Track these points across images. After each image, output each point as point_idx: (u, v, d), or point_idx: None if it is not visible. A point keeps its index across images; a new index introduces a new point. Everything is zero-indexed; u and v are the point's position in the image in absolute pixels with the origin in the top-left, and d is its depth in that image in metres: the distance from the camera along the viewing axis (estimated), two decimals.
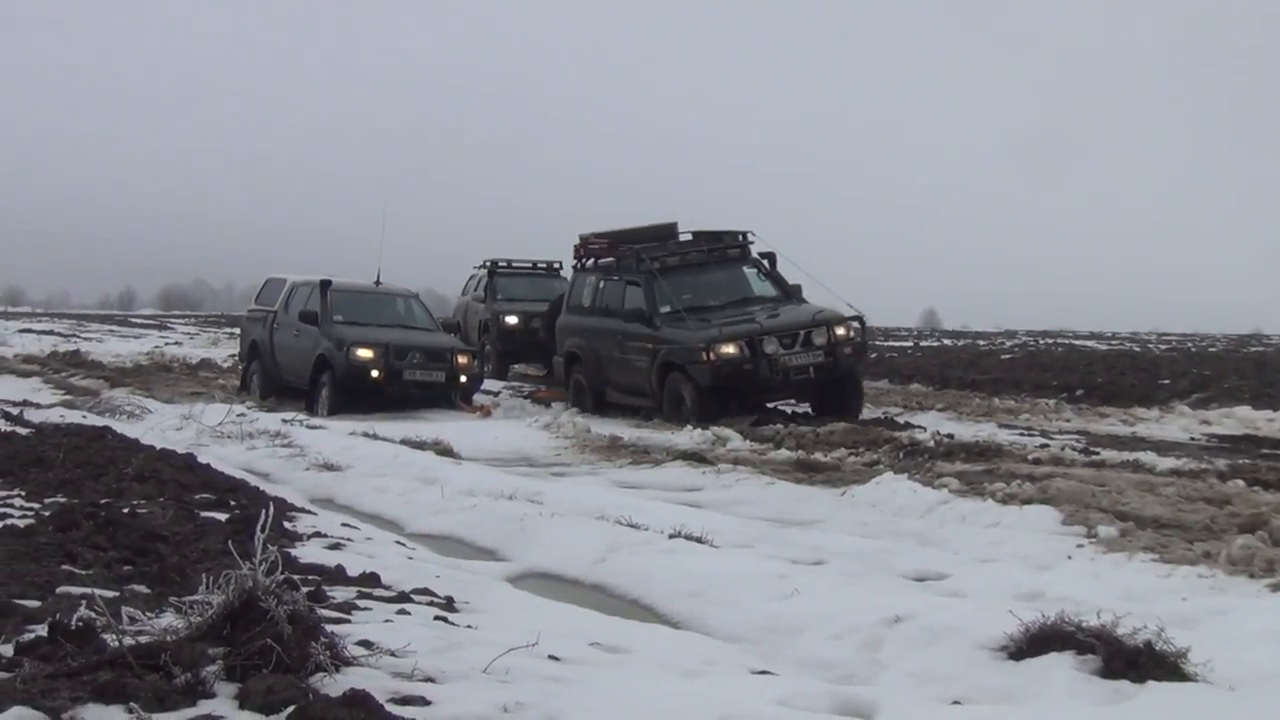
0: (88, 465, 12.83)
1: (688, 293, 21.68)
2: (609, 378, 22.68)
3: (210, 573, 6.34)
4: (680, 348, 20.46)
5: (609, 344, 22.52)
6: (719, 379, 19.84)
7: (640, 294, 21.76)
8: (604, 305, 23.01)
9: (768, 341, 19.86)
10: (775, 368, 19.87)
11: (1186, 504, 11.94)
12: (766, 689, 6.41)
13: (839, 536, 11.27)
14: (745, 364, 19.79)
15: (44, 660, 5.75)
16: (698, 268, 22.33)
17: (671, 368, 20.65)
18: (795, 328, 20.39)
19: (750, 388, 20.30)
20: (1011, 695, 6.62)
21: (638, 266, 22.15)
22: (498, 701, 5.58)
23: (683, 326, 20.83)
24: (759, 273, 22.65)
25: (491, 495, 13.30)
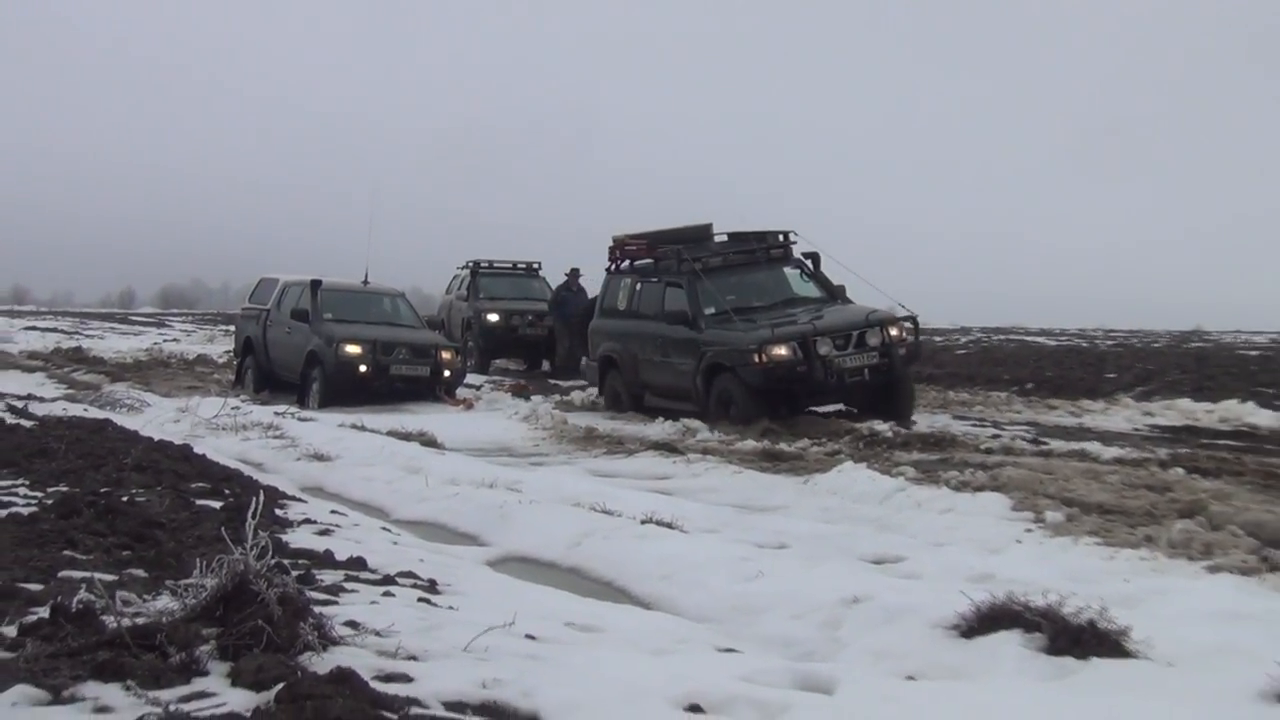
0: (89, 456, 12.81)
1: (731, 294, 20.46)
2: (648, 381, 21.57)
3: (204, 557, 6.34)
4: (729, 349, 19.32)
5: (648, 347, 21.38)
6: (771, 381, 18.76)
7: (682, 296, 20.55)
8: (641, 308, 21.88)
9: (821, 343, 18.71)
10: (829, 370, 18.70)
11: (1129, 491, 11.99)
12: (731, 666, 6.42)
13: (801, 522, 11.29)
14: (799, 366, 18.62)
15: (46, 640, 5.74)
16: (741, 268, 21.13)
17: (719, 370, 19.49)
18: (849, 328, 19.23)
19: (803, 390, 19.17)
20: (963, 671, 6.65)
21: (679, 268, 21.00)
22: (477, 678, 5.59)
23: (730, 328, 19.65)
24: (802, 273, 21.52)
25: (473, 483, 13.30)
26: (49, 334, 50.79)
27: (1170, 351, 44.58)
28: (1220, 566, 9.08)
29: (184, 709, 4.90)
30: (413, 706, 5.09)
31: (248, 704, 4.98)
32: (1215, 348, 48.25)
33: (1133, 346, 49.22)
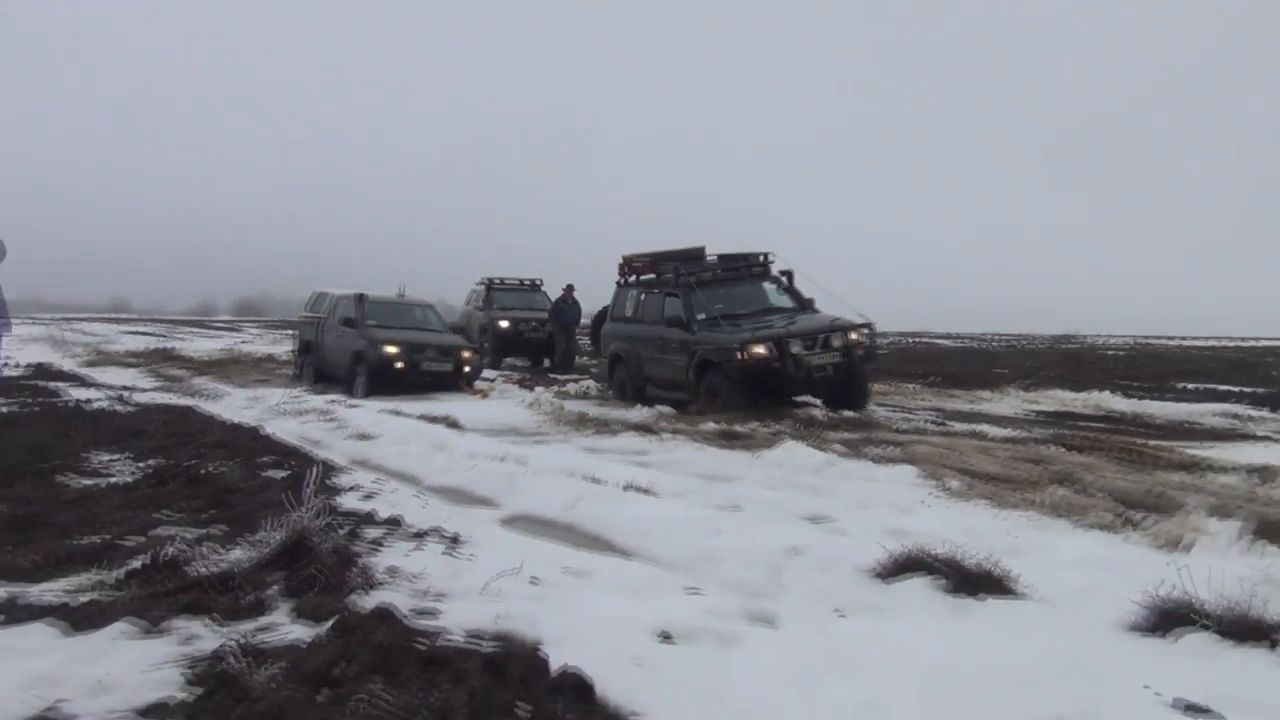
0: (177, 435, 12.81)
1: (719, 303, 20.06)
2: (649, 375, 21.10)
3: (271, 517, 6.38)
4: (716, 348, 18.91)
5: (650, 347, 20.99)
6: (750, 375, 18.32)
7: (679, 304, 20.13)
8: (644, 315, 21.37)
9: (793, 343, 18.30)
10: (799, 366, 18.26)
11: (1015, 463, 12.03)
12: (696, 604, 6.45)
13: (751, 488, 11.30)
14: (774, 362, 18.17)
15: (144, 584, 5.78)
16: (727, 282, 20.72)
17: (708, 366, 19.06)
18: (816, 332, 18.80)
19: (778, 383, 18.65)
20: (882, 608, 6.69)
21: (677, 281, 20.56)
22: (492, 613, 5.63)
23: (717, 331, 19.29)
24: (778, 287, 21.00)
25: (488, 457, 13.28)
26: (144, 337, 50.74)
27: (1049, 351, 44.83)
28: (1088, 524, 9.11)
29: (255, 638, 4.93)
30: (440, 636, 5.12)
31: (307, 635, 5.01)
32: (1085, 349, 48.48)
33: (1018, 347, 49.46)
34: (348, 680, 4.26)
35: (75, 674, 4.43)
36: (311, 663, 4.45)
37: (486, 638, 5.20)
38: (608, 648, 5.14)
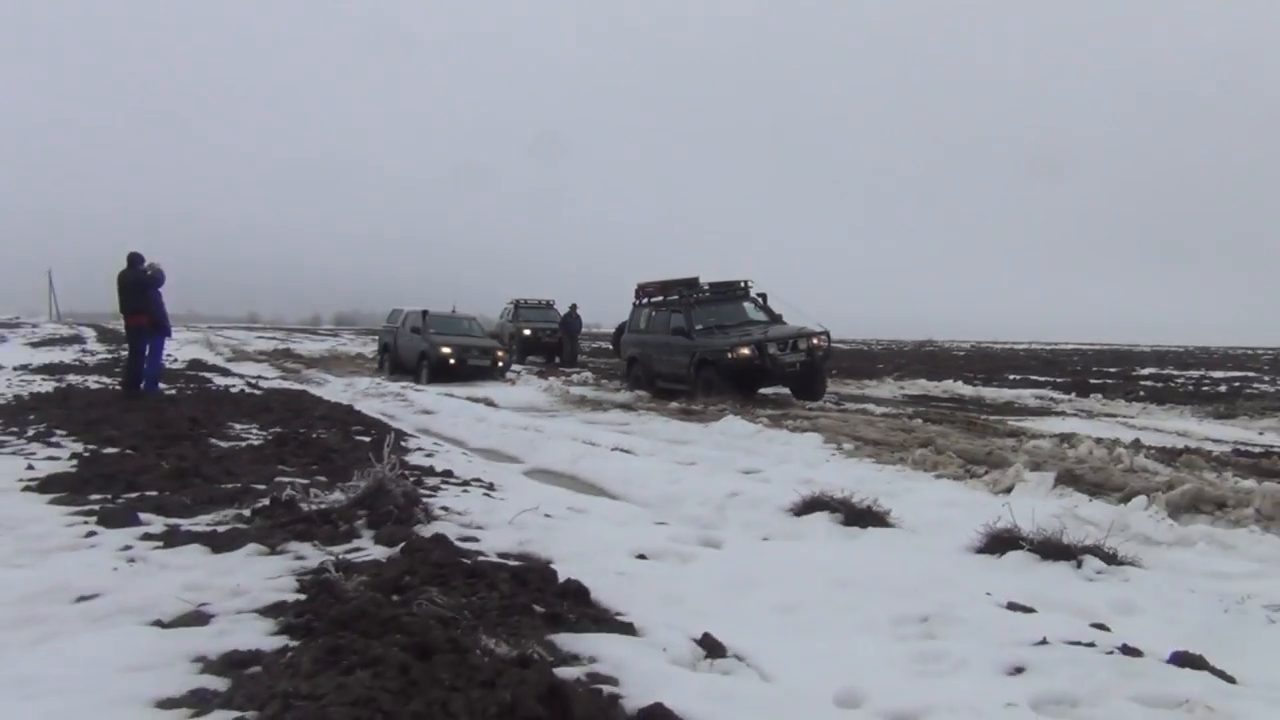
0: (293, 411, 12.75)
1: (712, 317, 19.81)
2: (658, 371, 20.38)
3: (359, 470, 6.33)
4: (712, 350, 18.51)
5: (659, 350, 20.35)
6: (738, 371, 17.93)
7: (682, 318, 19.69)
8: (655, 327, 20.83)
9: (770, 346, 17.97)
10: (776, 363, 17.85)
11: (891, 432, 12.05)
12: (663, 532, 6.43)
13: (703, 449, 11.29)
14: (756, 360, 17.80)
15: (266, 518, 5.74)
16: (717, 302, 20.27)
17: (705, 364, 18.58)
18: (787, 338, 18.36)
19: (759, 377, 18.29)
20: (795, 534, 6.68)
21: (680, 301, 20.25)
22: (516, 539, 5.60)
23: (712, 337, 19.03)
24: (755, 305, 20.41)
25: (515, 427, 13.26)
26: (269, 340, 50.57)
27: (914, 352, 44.96)
28: (942, 475, 9.13)
29: (347, 557, 4.89)
30: (479, 555, 5.09)
31: (385, 554, 4.98)
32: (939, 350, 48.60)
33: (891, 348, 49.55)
34: (413, 587, 4.22)
35: (216, 582, 4.39)
36: (387, 574, 4.42)
37: (512, 557, 5.17)
38: (600, 564, 5.11)
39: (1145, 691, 3.52)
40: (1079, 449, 9.95)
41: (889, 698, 3.48)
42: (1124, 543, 5.94)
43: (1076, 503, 7.39)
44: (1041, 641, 3.99)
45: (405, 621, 3.63)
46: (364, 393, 19.15)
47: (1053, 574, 5.37)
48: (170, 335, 15.41)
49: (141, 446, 8.66)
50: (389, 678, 3.09)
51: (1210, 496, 7.42)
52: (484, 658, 3.33)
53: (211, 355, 31.80)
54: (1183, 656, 3.87)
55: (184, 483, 6.93)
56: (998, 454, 9.90)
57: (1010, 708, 3.40)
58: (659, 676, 3.44)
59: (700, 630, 3.99)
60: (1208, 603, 4.85)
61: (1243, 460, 9.74)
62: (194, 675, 3.26)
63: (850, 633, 4.29)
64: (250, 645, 3.54)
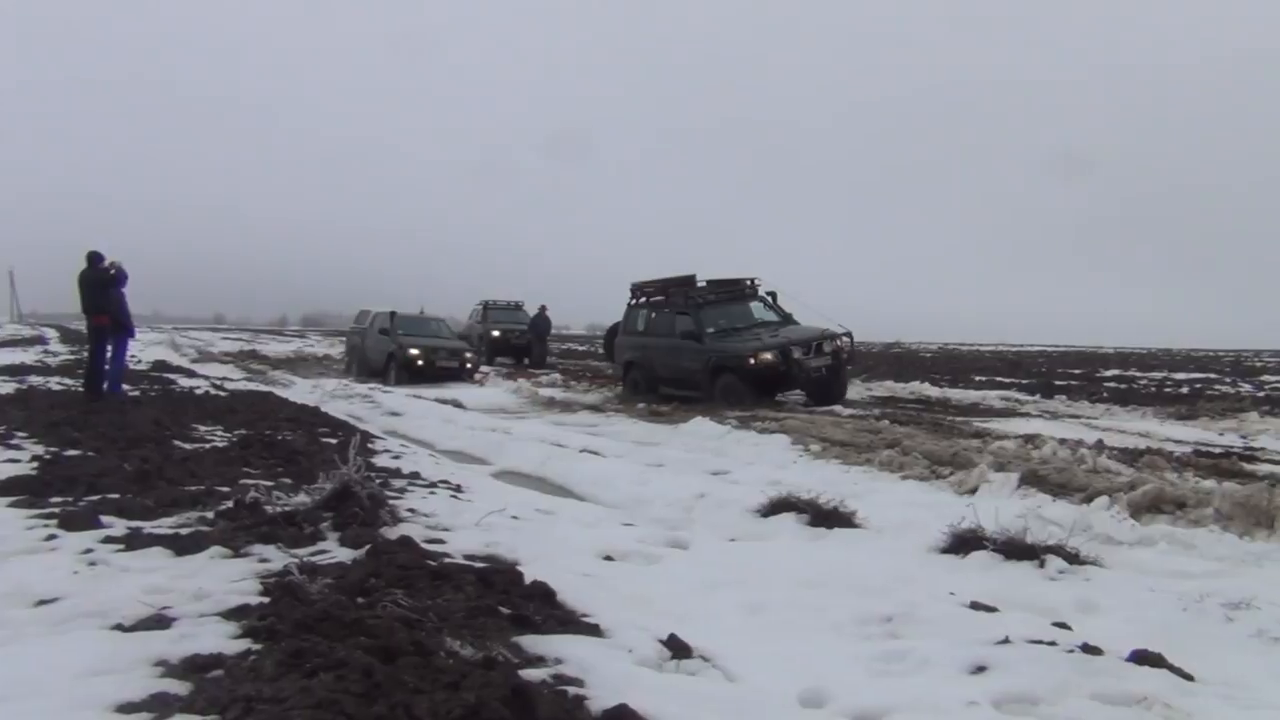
0: (258, 412, 12.66)
1: (722, 319, 18.48)
2: (662, 377, 19.05)
3: (325, 472, 6.29)
4: (730, 355, 17.25)
5: (663, 355, 18.95)
6: (761, 377, 16.86)
7: (689, 321, 18.31)
8: (656, 329, 19.42)
9: (795, 351, 16.86)
10: (801, 368, 16.83)
11: (857, 433, 12.10)
12: (630, 533, 6.44)
13: (671, 451, 11.31)
14: (780, 366, 16.72)
15: (230, 520, 5.69)
16: (725, 303, 18.91)
17: (723, 370, 17.29)
18: (810, 340, 17.27)
19: (783, 383, 17.30)
20: (762, 535, 6.71)
21: (686, 303, 18.78)
22: (483, 540, 5.59)
23: (727, 341, 17.74)
24: (764, 305, 19.16)
25: (483, 428, 13.24)
26: (235, 342, 50.21)
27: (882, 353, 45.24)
28: (908, 476, 9.18)
29: (312, 560, 4.86)
30: (445, 556, 5.07)
31: (350, 556, 4.96)
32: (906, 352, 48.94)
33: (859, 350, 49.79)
34: (378, 589, 4.21)
35: (178, 586, 4.35)
36: (352, 577, 4.40)
37: (479, 559, 5.15)
38: (566, 565, 5.11)
39: (1105, 689, 3.56)
40: (1043, 450, 10.03)
41: (853, 697, 3.51)
42: (1086, 542, 6.00)
43: (1040, 503, 7.45)
44: (1004, 640, 4.03)
45: (370, 624, 3.61)
46: (331, 394, 19.03)
47: (1016, 574, 5.42)
48: (134, 335, 15.26)
49: (104, 449, 8.56)
50: (352, 680, 3.07)
51: (1171, 497, 7.51)
52: (449, 660, 3.33)
53: (176, 356, 31.50)
54: (1142, 655, 3.92)
55: (147, 485, 6.86)
56: (963, 455, 9.97)
57: (972, 706, 3.43)
58: (624, 677, 3.44)
59: (666, 631, 4.00)
60: (1167, 601, 4.91)
61: (1203, 461, 9.86)
62: (155, 679, 3.23)
63: (815, 633, 4.32)
64: (212, 649, 3.51)
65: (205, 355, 34.80)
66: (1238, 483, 7.99)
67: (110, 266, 14.02)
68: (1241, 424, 14.47)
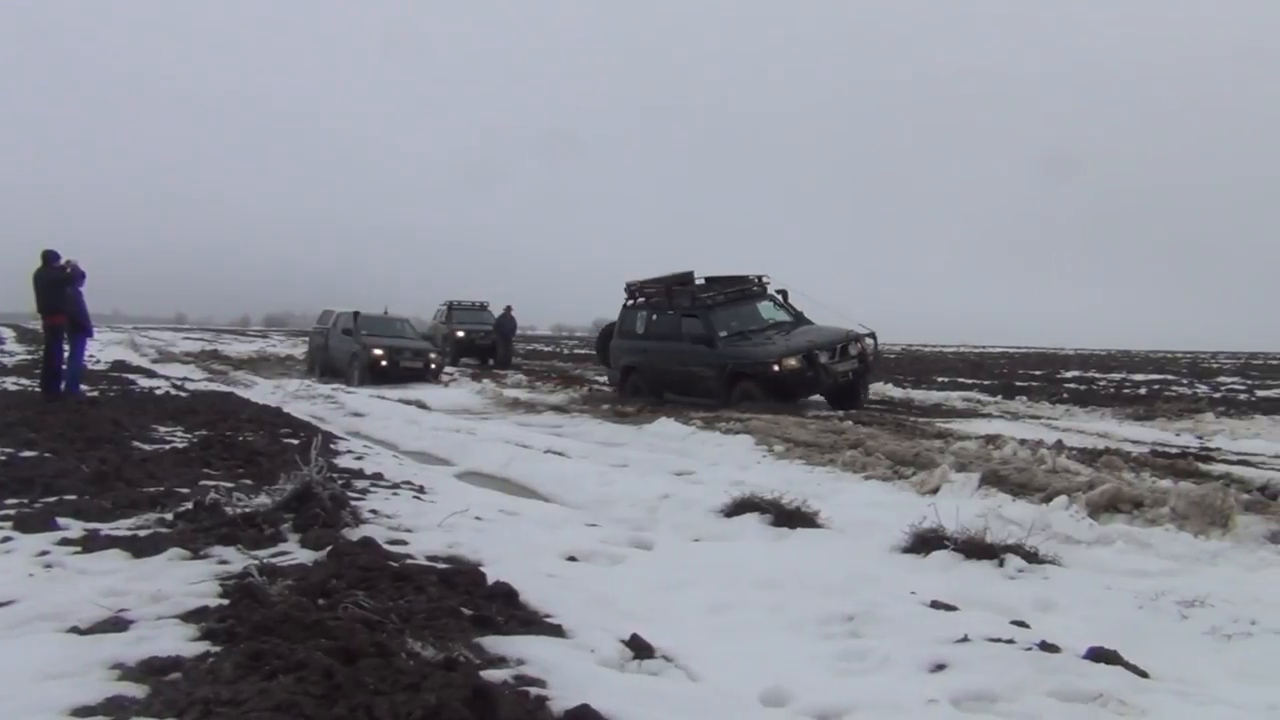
0: (220, 413, 12.55)
1: (733, 320, 17.41)
2: (667, 384, 17.98)
3: (286, 473, 6.25)
4: (749, 361, 16.23)
5: (669, 359, 17.77)
6: (785, 383, 15.90)
7: (699, 324, 17.19)
8: (658, 331, 18.28)
9: (821, 354, 15.91)
10: (828, 373, 15.87)
11: (821, 434, 12.15)
12: (594, 534, 6.44)
13: (636, 452, 11.32)
14: (807, 371, 15.82)
15: (190, 521, 5.64)
16: (733, 303, 17.80)
17: (741, 376, 16.28)
18: (835, 343, 16.23)
19: (807, 388, 16.29)
20: (726, 535, 6.72)
21: (694, 304, 17.65)
22: (445, 542, 5.58)
23: (743, 345, 16.72)
24: (774, 304, 18.12)
25: (447, 429, 13.18)
26: (197, 342, 49.69)
27: None
28: (871, 476, 9.23)
29: (273, 561, 4.83)
30: (408, 558, 5.06)
31: (311, 558, 4.94)
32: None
33: None
34: (339, 591, 4.18)
35: (136, 588, 4.30)
36: (313, 578, 4.37)
37: (441, 560, 5.14)
38: (529, 566, 5.11)
39: (1062, 687, 3.60)
40: (1003, 450, 10.13)
41: (814, 696, 3.53)
42: (1045, 541, 6.06)
43: (1000, 503, 7.52)
44: (963, 639, 4.07)
45: (330, 626, 3.59)
46: (293, 395, 18.88)
47: (976, 573, 5.47)
48: (91, 335, 15.08)
49: (61, 450, 8.45)
50: (312, 682, 3.06)
51: (1128, 496, 7.61)
52: (410, 661, 3.31)
53: (136, 356, 31.14)
54: (1098, 652, 3.97)
55: (105, 486, 6.78)
56: (925, 455, 10.05)
57: (931, 704, 3.46)
58: (587, 677, 3.45)
59: (629, 631, 4.00)
60: (1124, 599, 4.98)
61: (1160, 461, 10.00)
62: (111, 682, 3.20)
63: (777, 632, 4.34)
64: (170, 651, 3.48)
65: (166, 355, 34.43)
66: (1193, 482, 8.10)
67: (66, 265, 13.84)
68: (1197, 425, 14.69)
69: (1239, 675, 4.00)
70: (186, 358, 33.34)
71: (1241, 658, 4.19)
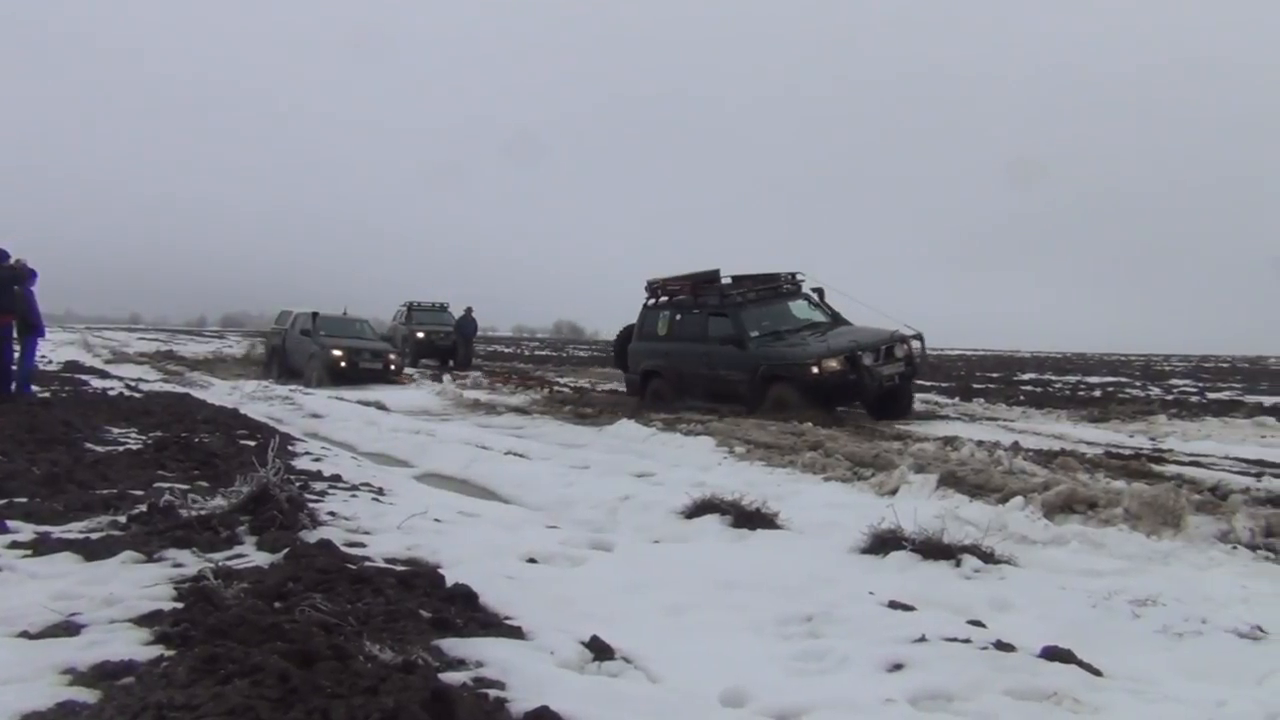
0: (175, 414, 12.40)
1: (765, 320, 16.18)
2: (692, 388, 16.71)
3: (243, 474, 6.18)
4: (784, 363, 15.00)
5: (695, 362, 16.52)
6: (825, 388, 14.60)
7: (728, 324, 16.00)
8: (682, 333, 17.03)
9: (865, 356, 14.71)
10: (873, 377, 14.61)
11: (781, 436, 12.21)
12: (555, 535, 6.42)
13: (596, 453, 11.32)
14: (849, 375, 14.56)
15: (144, 524, 5.58)
16: (765, 301, 16.58)
17: (775, 380, 15.00)
18: (879, 344, 15.03)
19: (848, 394, 15.10)
20: (686, 537, 6.73)
21: (723, 302, 16.43)
22: (404, 544, 5.55)
23: (776, 346, 15.51)
24: (808, 303, 16.90)
25: (407, 430, 13.12)
26: (152, 342, 49.05)
27: None
28: (830, 478, 9.29)
29: (228, 564, 4.78)
30: (366, 560, 5.02)
31: (267, 560, 4.89)
32: None
33: None
34: (296, 594, 4.15)
35: (88, 591, 4.24)
36: (269, 581, 4.32)
37: (400, 562, 5.11)
38: (488, 567, 5.08)
39: (1017, 685, 3.65)
40: (961, 452, 10.23)
41: (773, 696, 3.54)
42: (1001, 542, 6.13)
43: (958, 504, 7.59)
44: (920, 639, 4.10)
45: (287, 629, 3.56)
46: (250, 396, 18.70)
47: (933, 573, 5.51)
48: (43, 335, 14.85)
49: (11, 451, 8.30)
50: (268, 686, 3.02)
51: (1083, 497, 7.71)
52: (367, 664, 3.29)
53: (89, 357, 30.73)
54: (1053, 651, 4.02)
55: (56, 489, 6.67)
56: (884, 457, 10.12)
57: (889, 703, 3.49)
58: (546, 679, 3.44)
59: (589, 633, 4.00)
60: (1078, 599, 5.04)
61: (1113, 462, 10.13)
62: (62, 687, 3.15)
63: (737, 633, 4.35)
64: (123, 656, 3.43)
65: (120, 356, 33.99)
66: (1146, 483, 8.22)
67: (16, 263, 13.62)
68: (1150, 426, 14.91)
69: (1190, 673, 4.06)
70: (141, 358, 32.94)
71: (1192, 655, 4.26)
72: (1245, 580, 5.58)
